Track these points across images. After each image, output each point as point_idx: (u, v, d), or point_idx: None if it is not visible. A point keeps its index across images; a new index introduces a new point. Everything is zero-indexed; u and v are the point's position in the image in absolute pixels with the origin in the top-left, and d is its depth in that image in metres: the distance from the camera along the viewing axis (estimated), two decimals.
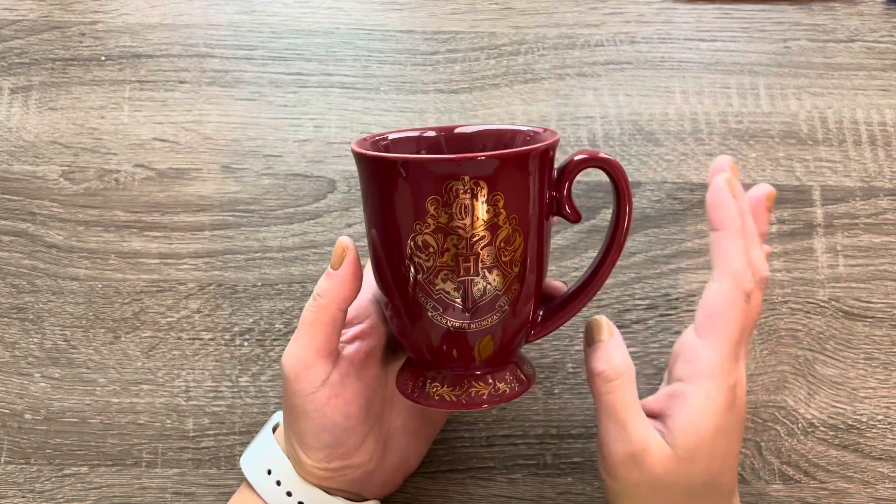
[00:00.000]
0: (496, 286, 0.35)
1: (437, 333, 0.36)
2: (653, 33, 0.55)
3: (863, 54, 0.55)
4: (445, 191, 0.34)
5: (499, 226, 0.34)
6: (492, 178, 0.34)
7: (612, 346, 0.37)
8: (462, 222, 0.34)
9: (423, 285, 0.35)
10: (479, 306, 0.35)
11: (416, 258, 0.35)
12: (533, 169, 0.35)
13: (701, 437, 0.36)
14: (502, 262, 0.35)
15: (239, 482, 0.46)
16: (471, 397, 0.37)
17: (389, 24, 0.55)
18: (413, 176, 0.34)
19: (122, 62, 0.54)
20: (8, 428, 0.47)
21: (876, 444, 0.47)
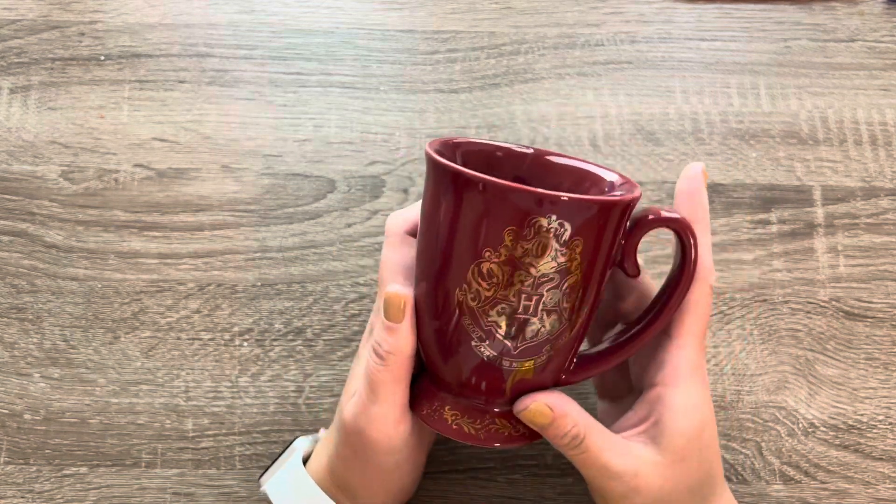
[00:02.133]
0: (549, 330, 0.34)
1: (473, 364, 0.35)
2: (653, 33, 0.55)
3: (863, 54, 0.55)
4: (528, 224, 0.32)
5: (570, 271, 0.33)
6: (578, 222, 0.32)
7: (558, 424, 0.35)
8: (535, 260, 0.32)
9: (476, 313, 0.34)
10: (528, 347, 0.34)
11: (477, 285, 0.33)
12: (615, 220, 0.33)
13: (689, 436, 0.36)
14: (562, 308, 0.34)
15: (238, 482, 0.46)
16: (490, 433, 0.36)
17: (389, 23, 0.55)
18: (497, 201, 0.32)
19: (122, 62, 0.54)
20: (7, 428, 0.47)
21: (877, 445, 0.47)
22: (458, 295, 0.34)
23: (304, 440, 0.43)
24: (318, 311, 0.49)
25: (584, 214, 0.32)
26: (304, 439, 0.43)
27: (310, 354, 0.48)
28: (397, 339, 0.35)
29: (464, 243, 0.33)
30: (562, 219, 0.32)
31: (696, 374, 0.36)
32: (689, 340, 0.36)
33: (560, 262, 0.33)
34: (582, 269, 0.33)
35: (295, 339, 0.49)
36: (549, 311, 0.33)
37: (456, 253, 0.34)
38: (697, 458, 0.36)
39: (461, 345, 0.35)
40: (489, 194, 0.32)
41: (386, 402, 0.36)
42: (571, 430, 0.35)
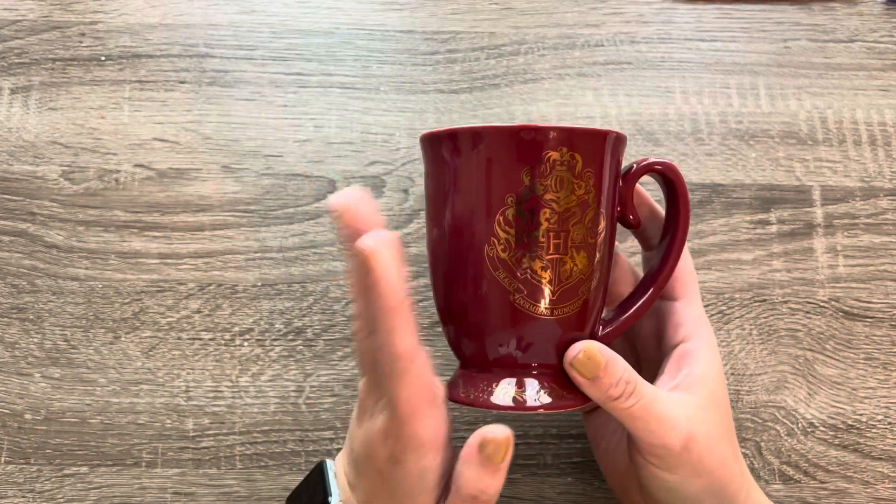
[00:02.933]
0: (581, 269, 0.34)
1: (516, 321, 0.34)
2: (653, 33, 0.55)
3: (863, 54, 0.55)
4: (543, 160, 0.33)
5: (588, 204, 0.34)
6: (586, 153, 0.34)
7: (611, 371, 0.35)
8: (556, 195, 0.33)
9: (510, 265, 0.34)
10: (565, 289, 0.34)
11: (505, 234, 0.34)
12: (616, 155, 0.35)
13: (717, 378, 0.38)
14: (589, 244, 0.35)
15: (239, 482, 0.46)
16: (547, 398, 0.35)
17: (389, 24, 0.55)
18: (511, 143, 0.33)
19: (122, 62, 0.54)
20: (8, 428, 0.47)
21: (876, 444, 0.47)
22: (488, 251, 0.34)
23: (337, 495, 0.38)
24: (319, 311, 0.49)
25: (590, 144, 0.34)
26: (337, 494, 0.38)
27: (310, 354, 0.49)
28: (500, 478, 0.33)
29: (483, 197, 0.34)
30: (572, 150, 0.33)
31: (706, 325, 0.39)
32: (693, 298, 0.39)
33: (578, 194, 0.34)
34: (598, 202, 0.35)
35: (295, 339, 0.49)
36: (577, 248, 0.34)
37: (477, 211, 0.34)
38: (725, 404, 0.38)
39: (501, 303, 0.34)
40: (503, 140, 0.33)
41: None
42: (623, 374, 0.35)
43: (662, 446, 0.35)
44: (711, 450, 0.36)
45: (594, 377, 0.34)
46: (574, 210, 0.34)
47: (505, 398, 0.35)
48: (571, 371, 0.35)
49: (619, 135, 0.35)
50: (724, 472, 0.37)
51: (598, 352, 0.35)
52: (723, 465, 0.37)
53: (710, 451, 0.36)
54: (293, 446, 0.47)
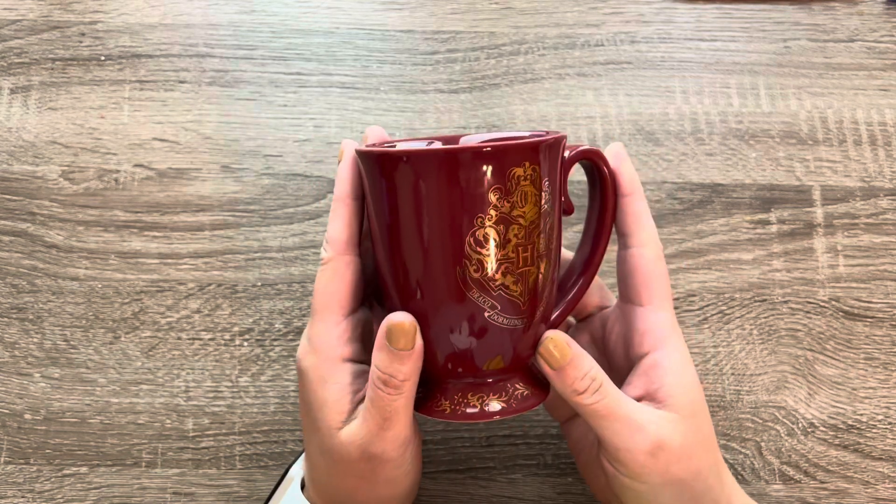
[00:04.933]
0: (545, 276, 0.35)
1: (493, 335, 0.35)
2: (653, 33, 0.55)
3: (863, 54, 0.55)
4: (508, 178, 0.33)
5: (548, 213, 0.35)
6: (542, 163, 0.34)
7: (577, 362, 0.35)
8: (521, 210, 0.34)
9: (483, 283, 0.34)
10: (532, 297, 0.35)
11: (477, 254, 0.34)
12: (560, 157, 0.36)
13: (692, 390, 0.37)
14: (550, 250, 0.35)
15: (238, 482, 0.46)
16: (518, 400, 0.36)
17: (389, 23, 0.55)
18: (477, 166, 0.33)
19: (122, 62, 0.54)
20: (7, 428, 0.47)
21: (876, 444, 0.47)
22: (459, 273, 0.34)
23: (299, 467, 0.41)
24: None
25: (546, 154, 0.34)
26: (298, 465, 0.42)
27: None
28: (411, 365, 0.35)
29: (454, 219, 0.34)
30: (533, 164, 0.34)
31: (677, 332, 0.38)
32: (661, 304, 0.38)
33: (541, 206, 0.34)
34: (554, 210, 0.36)
35: (295, 338, 0.49)
36: (541, 257, 0.35)
37: (447, 233, 0.34)
38: (702, 413, 0.37)
39: (476, 322, 0.35)
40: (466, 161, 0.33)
41: (402, 423, 0.35)
42: (590, 370, 0.35)
43: (627, 450, 0.35)
44: (681, 460, 0.35)
45: (560, 367, 0.35)
46: (537, 222, 0.34)
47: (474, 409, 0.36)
48: (540, 360, 0.36)
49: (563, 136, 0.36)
50: (699, 484, 0.36)
51: (566, 342, 0.35)
52: (696, 476, 0.36)
53: (680, 461, 0.35)
54: (293, 446, 0.47)
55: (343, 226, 0.37)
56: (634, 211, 0.38)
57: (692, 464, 0.36)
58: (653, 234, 0.38)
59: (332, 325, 0.37)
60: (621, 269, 0.39)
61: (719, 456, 0.38)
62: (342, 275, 0.37)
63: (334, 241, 0.37)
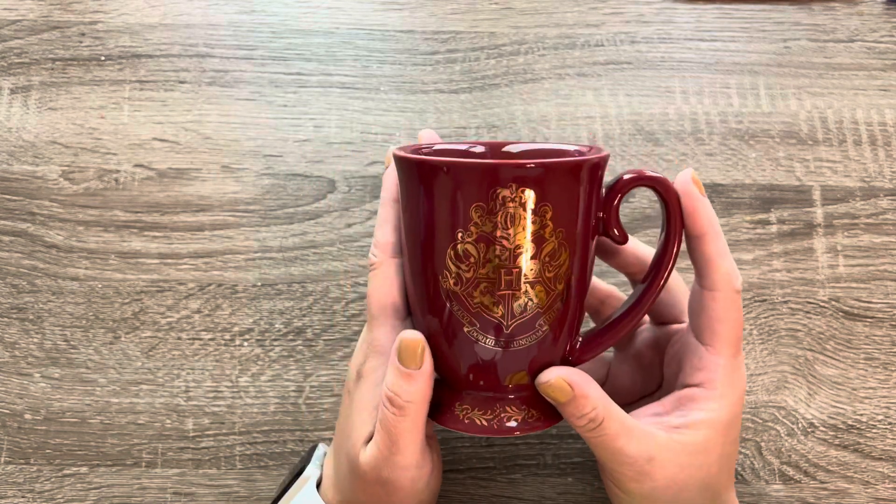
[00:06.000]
0: (537, 303, 0.34)
1: (471, 351, 0.35)
2: (653, 33, 0.55)
3: (863, 54, 0.55)
4: (491, 198, 0.32)
5: (545, 238, 0.33)
6: (540, 187, 0.32)
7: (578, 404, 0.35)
8: (506, 232, 0.33)
9: (462, 298, 0.34)
10: (519, 324, 0.34)
11: (456, 268, 0.33)
12: (583, 182, 0.33)
13: (715, 429, 0.36)
14: (545, 279, 0.34)
15: (238, 482, 0.46)
16: (502, 423, 0.35)
17: (389, 24, 0.55)
18: (458, 180, 0.32)
19: (122, 62, 0.54)
20: (8, 428, 0.47)
21: (876, 445, 0.47)
22: (442, 282, 0.34)
23: (315, 468, 0.41)
24: (319, 311, 0.49)
25: (546, 179, 0.32)
26: (314, 466, 0.41)
27: (310, 354, 0.49)
28: (417, 387, 0.34)
29: (437, 229, 0.33)
30: (524, 186, 0.32)
31: (731, 382, 0.36)
32: (724, 349, 0.36)
33: (532, 230, 0.33)
34: (557, 236, 0.33)
35: (295, 339, 0.49)
36: (532, 283, 0.33)
37: (433, 241, 0.34)
38: (718, 453, 0.36)
39: (456, 334, 0.34)
40: (450, 175, 0.33)
41: (408, 450, 0.35)
42: (590, 412, 0.34)
43: (614, 471, 0.36)
44: (666, 490, 0.36)
45: (560, 405, 0.35)
46: (527, 246, 0.33)
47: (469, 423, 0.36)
48: (542, 392, 0.35)
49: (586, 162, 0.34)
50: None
51: (566, 384, 0.34)
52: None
53: (665, 491, 0.36)
54: (293, 446, 0.47)
55: (392, 229, 0.37)
56: (707, 252, 0.36)
57: (683, 496, 0.36)
58: (726, 278, 0.36)
59: (390, 330, 0.36)
60: (692, 303, 0.38)
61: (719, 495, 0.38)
62: (393, 280, 0.36)
63: (384, 245, 0.36)
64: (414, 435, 0.35)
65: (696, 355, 0.37)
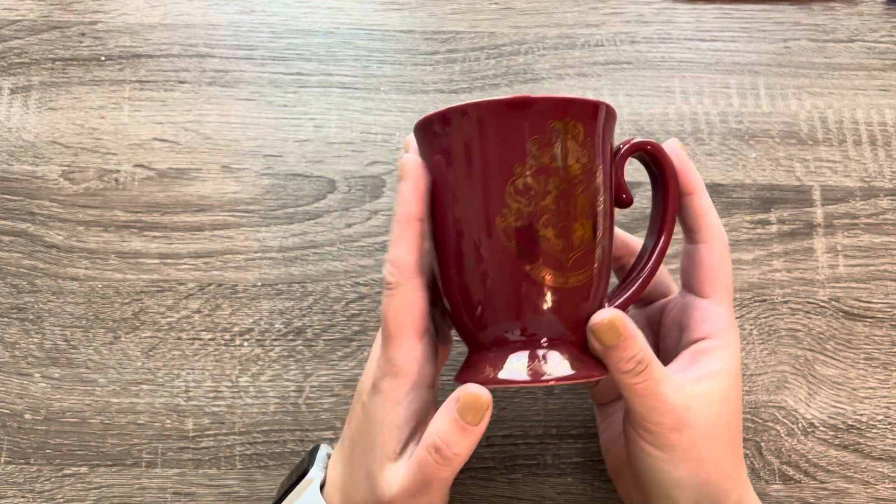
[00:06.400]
0: (589, 237, 0.35)
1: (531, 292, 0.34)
2: (653, 33, 0.55)
3: (863, 54, 0.55)
4: (548, 130, 0.34)
5: (593, 172, 0.35)
6: (587, 123, 0.35)
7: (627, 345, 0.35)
8: (563, 162, 0.34)
9: (524, 234, 0.34)
10: (579, 256, 0.35)
11: (517, 203, 0.34)
12: (609, 127, 0.36)
13: (734, 377, 0.37)
14: (596, 212, 0.35)
15: (238, 482, 0.46)
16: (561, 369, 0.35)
17: (389, 24, 0.55)
18: (515, 116, 0.34)
19: (122, 62, 0.54)
20: (8, 428, 0.47)
21: (876, 444, 0.47)
22: (500, 222, 0.34)
23: (318, 470, 0.40)
24: (319, 311, 0.49)
25: (588, 113, 0.35)
26: (318, 469, 0.40)
27: (310, 354, 0.49)
28: (469, 441, 0.34)
29: (492, 169, 0.34)
30: (575, 119, 0.34)
31: (734, 327, 0.38)
32: (723, 297, 0.38)
33: (583, 162, 0.35)
34: (600, 170, 0.35)
35: (295, 339, 0.49)
36: (586, 215, 0.35)
37: (486, 183, 0.34)
38: (737, 402, 0.38)
39: (515, 276, 0.34)
40: (508, 111, 0.34)
41: (438, 494, 0.35)
42: (638, 353, 0.35)
43: (655, 424, 0.36)
44: (704, 441, 0.36)
45: (611, 346, 0.35)
46: (580, 177, 0.35)
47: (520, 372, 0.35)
48: (591, 336, 0.35)
49: (609, 106, 0.36)
50: (714, 468, 0.37)
51: (623, 323, 0.35)
52: (714, 460, 0.37)
53: (703, 442, 0.36)
54: (293, 446, 0.47)
55: (410, 249, 0.36)
56: (698, 207, 0.39)
57: (711, 445, 0.36)
58: (717, 230, 0.39)
59: (409, 350, 0.36)
60: (686, 262, 0.40)
61: (740, 448, 0.39)
62: (413, 300, 0.36)
63: (402, 266, 0.36)
64: (448, 482, 0.35)
65: (699, 309, 0.39)
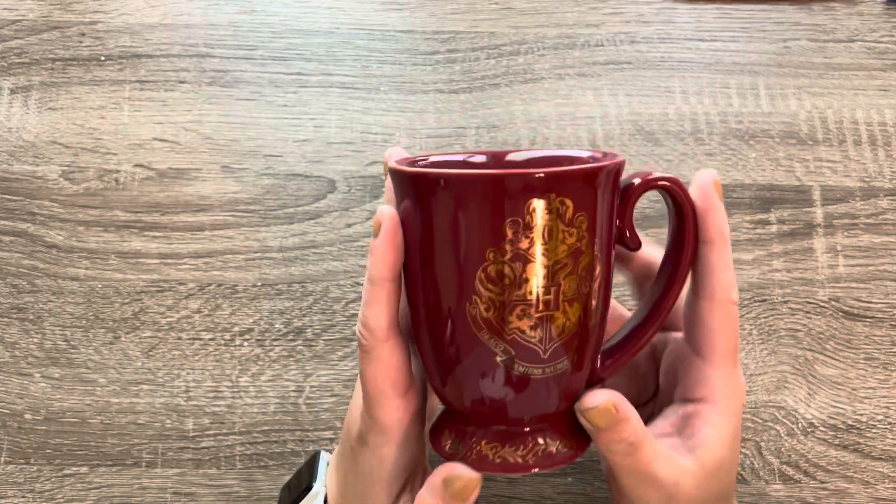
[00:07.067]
0: (574, 322, 0.31)
1: (503, 382, 0.32)
2: (653, 33, 0.55)
3: (863, 54, 0.55)
4: (528, 211, 0.29)
5: (582, 251, 0.31)
6: (576, 196, 0.30)
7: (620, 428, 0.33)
8: (544, 247, 0.30)
9: (494, 324, 0.31)
10: (557, 346, 0.31)
11: (488, 292, 0.30)
12: (610, 189, 0.31)
13: (726, 448, 0.35)
14: (582, 295, 0.31)
15: (239, 482, 0.46)
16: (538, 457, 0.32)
17: (389, 23, 0.55)
18: (490, 194, 0.29)
19: (122, 62, 0.54)
20: (8, 428, 0.47)
21: (876, 444, 0.47)
22: (470, 310, 0.31)
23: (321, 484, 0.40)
24: (319, 311, 0.49)
25: (582, 185, 0.30)
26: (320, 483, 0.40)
27: (310, 354, 0.49)
28: None
29: (463, 251, 0.30)
30: (561, 195, 0.30)
31: (733, 394, 0.35)
32: (722, 360, 0.35)
33: (570, 243, 0.30)
34: (592, 247, 0.31)
35: (295, 339, 0.49)
36: (570, 301, 0.31)
37: (455, 265, 0.31)
38: (728, 467, 0.36)
39: (485, 365, 0.32)
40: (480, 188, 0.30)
41: None
42: (629, 435, 0.33)
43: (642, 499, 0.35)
44: None
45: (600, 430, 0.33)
46: (565, 261, 0.30)
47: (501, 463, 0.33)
48: (580, 416, 0.34)
49: (615, 165, 0.31)
50: None
51: (615, 406, 0.33)
52: None
53: None
54: (293, 446, 0.47)
55: (382, 312, 0.33)
56: (712, 261, 0.34)
57: None
58: (726, 290, 0.34)
59: (392, 410, 0.34)
60: (687, 314, 0.36)
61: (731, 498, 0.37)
62: (390, 362, 0.34)
63: (374, 329, 0.33)
64: None
65: (694, 368, 0.35)
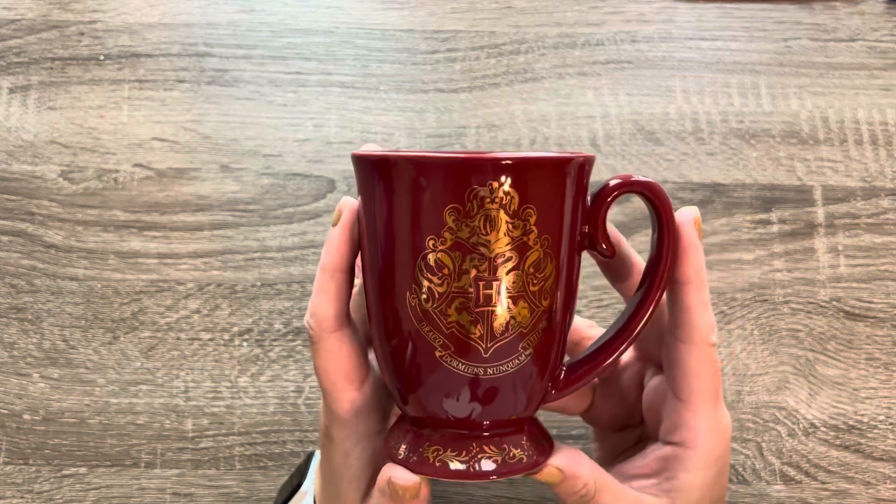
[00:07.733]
0: (520, 322, 0.30)
1: (443, 380, 0.31)
2: (653, 32, 0.55)
3: (864, 54, 0.55)
4: (469, 198, 0.28)
5: (528, 247, 0.29)
6: (523, 187, 0.29)
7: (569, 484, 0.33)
8: (486, 238, 0.29)
9: (434, 316, 0.30)
10: (500, 345, 0.30)
11: (428, 282, 0.29)
12: (569, 184, 0.30)
13: (704, 490, 0.34)
14: (529, 293, 0.30)
15: (238, 483, 0.46)
16: (479, 466, 0.31)
17: (389, 23, 0.55)
18: (429, 178, 0.29)
19: (121, 61, 0.54)
20: (6, 428, 0.47)
21: (877, 445, 0.47)
22: (410, 300, 0.30)
23: (310, 483, 0.40)
24: None
25: (530, 176, 0.29)
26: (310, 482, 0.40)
27: (309, 354, 0.48)
28: None
29: (403, 238, 0.30)
30: (504, 184, 0.29)
31: (713, 437, 0.34)
32: (700, 405, 0.34)
33: (514, 236, 0.29)
34: (542, 244, 0.30)
35: (295, 339, 0.49)
36: (514, 298, 0.30)
37: (397, 252, 0.30)
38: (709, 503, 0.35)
39: (425, 359, 0.31)
40: (420, 172, 0.29)
41: None
42: (582, 489, 0.33)
43: None
44: None
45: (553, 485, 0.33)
46: (509, 255, 0.29)
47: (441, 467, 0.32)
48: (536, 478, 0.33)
49: (574, 159, 0.30)
50: None
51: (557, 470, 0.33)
52: None
53: None
54: (293, 447, 0.47)
55: (330, 301, 0.33)
56: (687, 301, 0.33)
57: None
58: (703, 332, 0.33)
59: (349, 403, 0.34)
60: (665, 355, 0.35)
61: None
62: (340, 354, 0.33)
63: (321, 319, 0.33)
64: None
65: (675, 411, 0.35)
